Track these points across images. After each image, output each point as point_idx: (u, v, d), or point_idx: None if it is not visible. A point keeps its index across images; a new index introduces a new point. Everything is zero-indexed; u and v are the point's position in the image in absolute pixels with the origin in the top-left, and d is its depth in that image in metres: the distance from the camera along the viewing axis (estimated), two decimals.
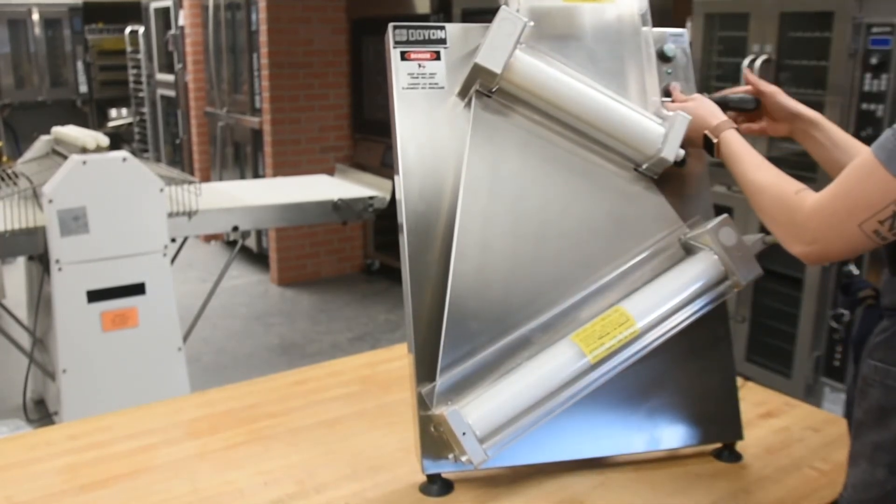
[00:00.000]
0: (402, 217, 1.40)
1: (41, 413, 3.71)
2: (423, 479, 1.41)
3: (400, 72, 1.43)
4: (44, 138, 3.56)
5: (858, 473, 1.18)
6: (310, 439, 1.59)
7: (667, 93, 1.55)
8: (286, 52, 5.66)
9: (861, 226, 1.11)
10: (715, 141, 1.42)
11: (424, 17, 5.07)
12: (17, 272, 4.38)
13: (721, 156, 1.42)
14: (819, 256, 1.19)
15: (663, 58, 1.57)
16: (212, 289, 3.64)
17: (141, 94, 8.22)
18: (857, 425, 1.20)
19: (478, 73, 1.40)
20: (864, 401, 1.19)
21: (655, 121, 1.49)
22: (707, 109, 1.47)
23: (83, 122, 8.06)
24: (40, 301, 3.31)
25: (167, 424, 1.66)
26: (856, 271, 2.92)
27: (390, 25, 1.44)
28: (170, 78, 7.39)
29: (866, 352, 1.20)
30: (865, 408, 1.18)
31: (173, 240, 3.27)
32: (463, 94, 1.44)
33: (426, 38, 1.45)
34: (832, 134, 1.45)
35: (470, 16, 4.84)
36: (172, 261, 3.28)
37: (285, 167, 5.72)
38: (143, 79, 8.06)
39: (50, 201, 2.91)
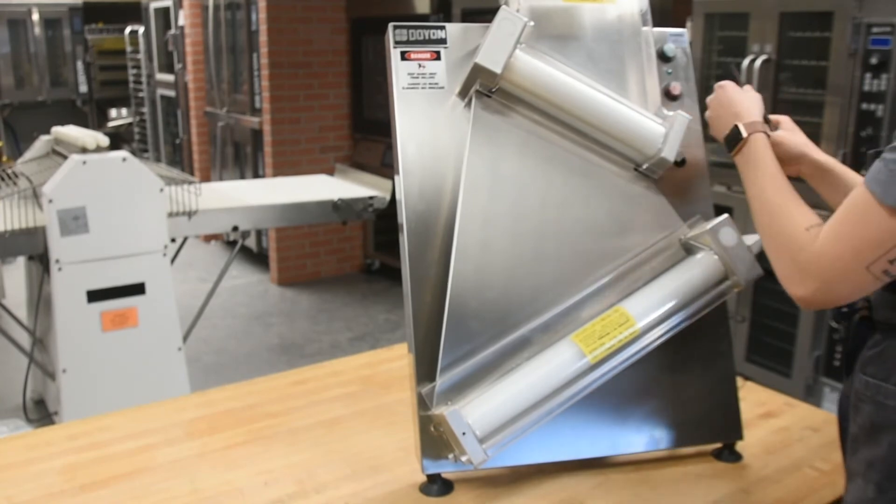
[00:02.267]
0: (402, 217, 1.40)
1: (41, 413, 3.71)
2: (423, 479, 1.41)
3: (400, 72, 1.43)
4: (44, 138, 3.56)
5: (854, 490, 1.14)
6: (310, 439, 1.59)
7: (667, 93, 1.55)
8: (286, 52, 5.66)
9: (869, 268, 1.02)
10: (745, 136, 1.29)
11: (424, 17, 5.07)
12: (17, 272, 4.38)
13: (741, 156, 1.29)
14: (821, 302, 1.09)
15: (663, 58, 1.56)
16: (212, 289, 3.64)
17: (141, 94, 8.23)
18: (852, 440, 1.16)
19: (478, 73, 1.40)
20: (857, 416, 1.14)
21: (656, 121, 1.48)
22: (753, 100, 1.35)
23: (83, 122, 8.06)
24: (40, 301, 3.31)
25: (167, 424, 1.66)
26: None
27: (390, 25, 1.44)
28: (170, 78, 7.39)
29: (859, 365, 1.15)
30: (859, 423, 1.14)
31: (173, 240, 3.27)
32: (463, 94, 1.44)
33: (426, 38, 1.45)
34: (847, 179, 1.34)
35: (470, 16, 4.84)
36: (172, 261, 3.28)
37: (285, 167, 5.72)
38: (143, 79, 8.06)
39: (50, 201, 2.91)
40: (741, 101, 1.35)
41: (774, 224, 1.17)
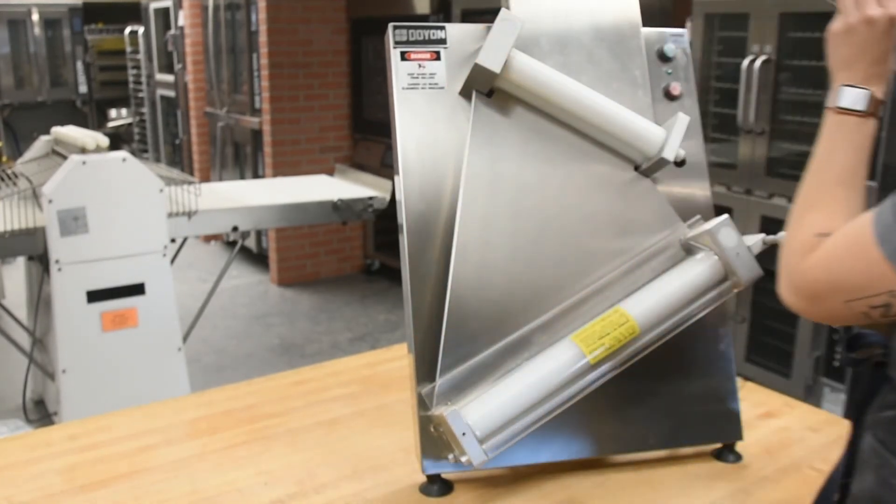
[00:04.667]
0: (402, 217, 1.40)
1: (41, 413, 3.71)
2: (423, 479, 1.41)
3: (400, 72, 1.43)
4: (44, 138, 3.56)
5: None
6: (310, 439, 1.59)
7: (667, 93, 1.55)
8: (286, 52, 5.66)
9: (848, 303, 0.92)
10: (863, 110, 1.07)
11: (424, 18, 5.07)
12: (17, 272, 4.39)
13: (839, 119, 1.07)
14: (804, 314, 1.00)
15: (663, 58, 1.56)
16: (212, 289, 3.64)
17: (141, 95, 8.23)
18: (853, 501, 1.04)
19: (478, 73, 1.40)
20: (860, 477, 1.02)
21: (655, 121, 1.48)
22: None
23: (83, 123, 8.08)
24: (40, 301, 3.31)
25: (167, 424, 1.65)
26: None
27: (390, 25, 1.44)
28: (170, 78, 7.39)
29: (869, 420, 1.02)
30: (860, 487, 1.01)
31: (173, 240, 3.27)
32: (463, 94, 1.44)
33: (426, 38, 1.45)
34: None
35: (470, 16, 4.84)
36: (172, 261, 3.28)
37: (285, 167, 5.73)
38: (143, 79, 8.07)
39: (50, 201, 2.91)
40: (884, 55, 1.09)
41: (795, 215, 1.04)
